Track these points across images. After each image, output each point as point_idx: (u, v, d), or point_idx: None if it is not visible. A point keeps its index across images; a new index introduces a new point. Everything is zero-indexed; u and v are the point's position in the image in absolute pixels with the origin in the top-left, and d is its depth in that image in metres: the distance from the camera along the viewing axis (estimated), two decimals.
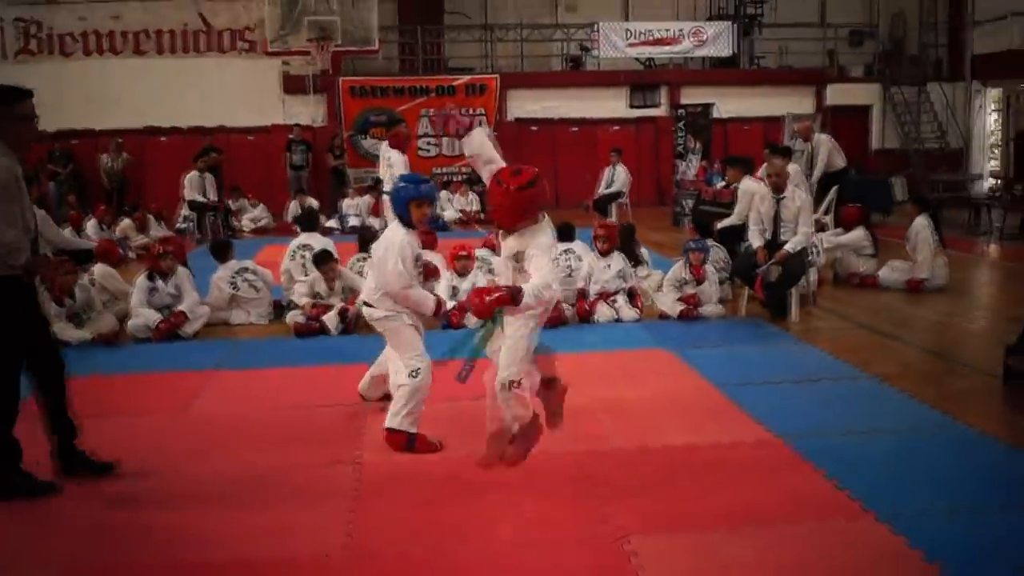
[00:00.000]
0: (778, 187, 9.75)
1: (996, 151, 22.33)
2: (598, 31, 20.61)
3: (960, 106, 22.53)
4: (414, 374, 5.81)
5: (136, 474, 5.53)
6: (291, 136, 20.00)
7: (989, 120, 22.57)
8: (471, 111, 20.73)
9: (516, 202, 5.08)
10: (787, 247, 9.45)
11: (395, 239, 5.91)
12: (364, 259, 10.06)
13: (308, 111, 20.84)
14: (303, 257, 10.32)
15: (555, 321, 9.13)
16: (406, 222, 5.93)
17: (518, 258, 5.15)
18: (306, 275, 10.00)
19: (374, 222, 15.63)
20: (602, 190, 17.62)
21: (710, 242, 10.43)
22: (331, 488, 5.36)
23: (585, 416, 6.38)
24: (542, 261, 5.02)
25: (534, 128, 21.35)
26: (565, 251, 10.15)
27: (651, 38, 20.93)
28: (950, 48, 22.90)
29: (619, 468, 5.63)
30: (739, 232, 11.19)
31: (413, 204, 5.93)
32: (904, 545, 4.52)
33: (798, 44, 22.39)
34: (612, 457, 5.82)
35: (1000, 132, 22.11)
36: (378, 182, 15.70)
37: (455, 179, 19.75)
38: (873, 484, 5.21)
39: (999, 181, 20.20)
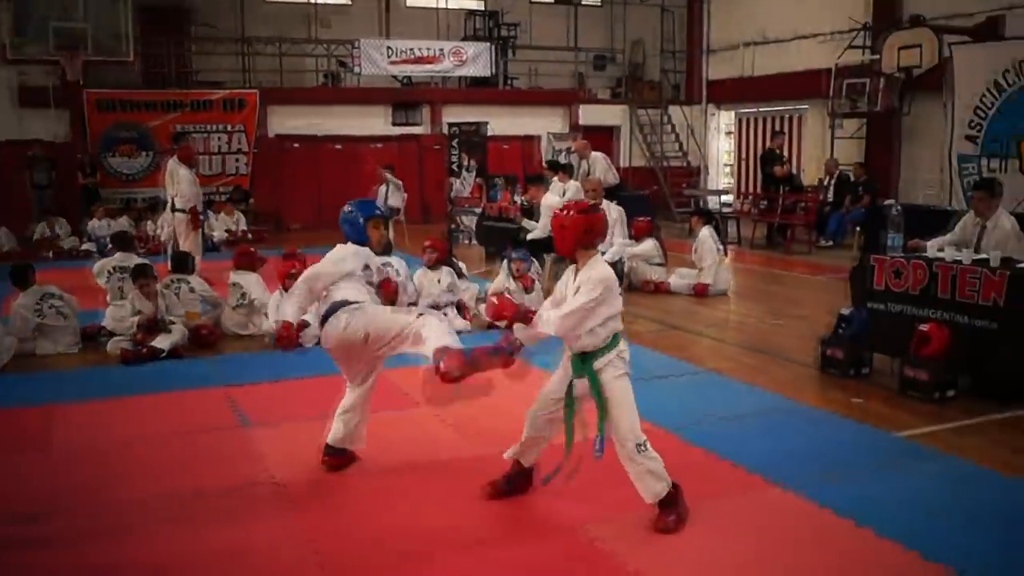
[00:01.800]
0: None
1: (729, 168, 24.11)
2: (359, 48, 20.52)
3: (698, 127, 24.21)
4: None
5: (46, 513, 5.19)
6: (31, 153, 18.65)
7: (723, 140, 24.36)
8: (230, 127, 20.06)
9: (576, 224, 4.86)
10: (605, 257, 9.87)
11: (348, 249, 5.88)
12: (180, 280, 9.66)
13: (48, 126, 19.40)
14: (120, 279, 9.75)
15: None
16: (362, 244, 5.87)
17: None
18: (123, 298, 9.48)
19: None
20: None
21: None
22: (266, 506, 5.23)
23: (483, 421, 6.59)
24: (579, 297, 4.75)
25: (296, 145, 20.99)
26: (383, 264, 10.14)
27: (412, 56, 21.04)
28: (687, 74, 24.58)
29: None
30: (547, 244, 11.60)
31: (371, 224, 5.92)
32: (816, 505, 5.13)
33: (549, 66, 23.29)
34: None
35: (733, 151, 23.93)
36: (154, 202, 15.14)
37: (219, 199, 19.01)
38: (762, 461, 5.81)
39: (741, 196, 21.80)
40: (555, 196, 12.20)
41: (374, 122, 21.55)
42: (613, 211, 10.23)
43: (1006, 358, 7.05)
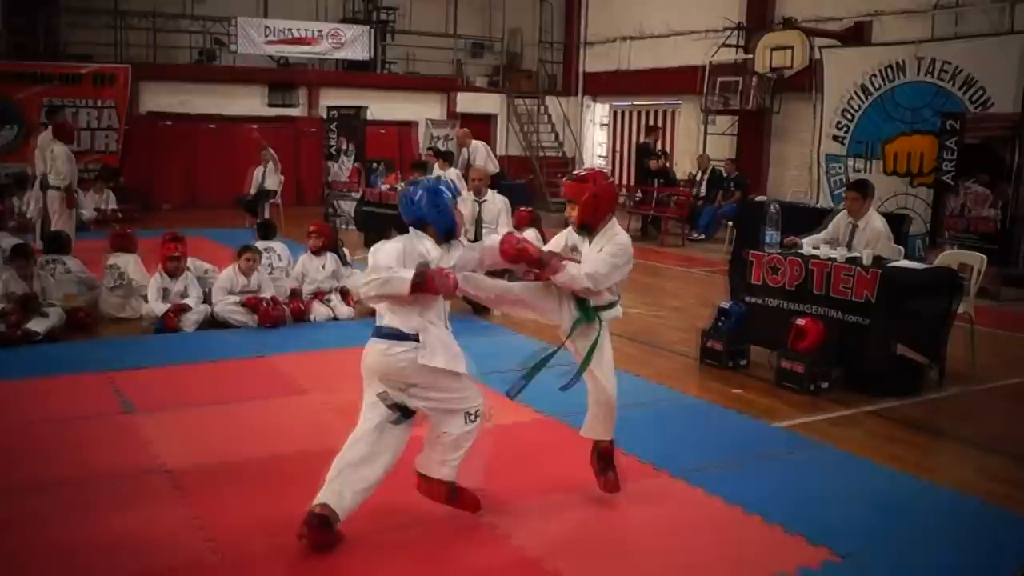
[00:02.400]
0: (479, 190, 10.23)
1: (603, 160, 24.45)
2: (236, 26, 20.07)
3: (574, 118, 24.48)
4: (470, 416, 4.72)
5: None
6: None
7: (599, 132, 24.71)
8: (99, 102, 19.32)
9: (609, 192, 5.08)
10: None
11: None
12: (55, 260, 9.35)
13: None
14: None
15: (276, 321, 9.13)
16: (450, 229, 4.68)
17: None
18: None
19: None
20: (253, 189, 17.23)
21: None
22: (159, 495, 5.11)
23: None
24: (605, 257, 4.86)
25: (168, 123, 20.32)
26: (266, 249, 10.06)
27: (290, 37, 20.65)
28: (564, 65, 24.83)
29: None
30: None
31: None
32: (703, 494, 5.30)
33: (426, 52, 23.20)
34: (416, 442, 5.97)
35: (608, 143, 24.30)
36: (22, 178, 14.53)
37: (88, 176, 18.27)
38: (651, 449, 5.98)
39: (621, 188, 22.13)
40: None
41: (250, 102, 21.05)
42: (498, 200, 10.27)
43: (875, 352, 7.38)
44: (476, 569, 4.39)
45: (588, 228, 5.02)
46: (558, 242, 5.12)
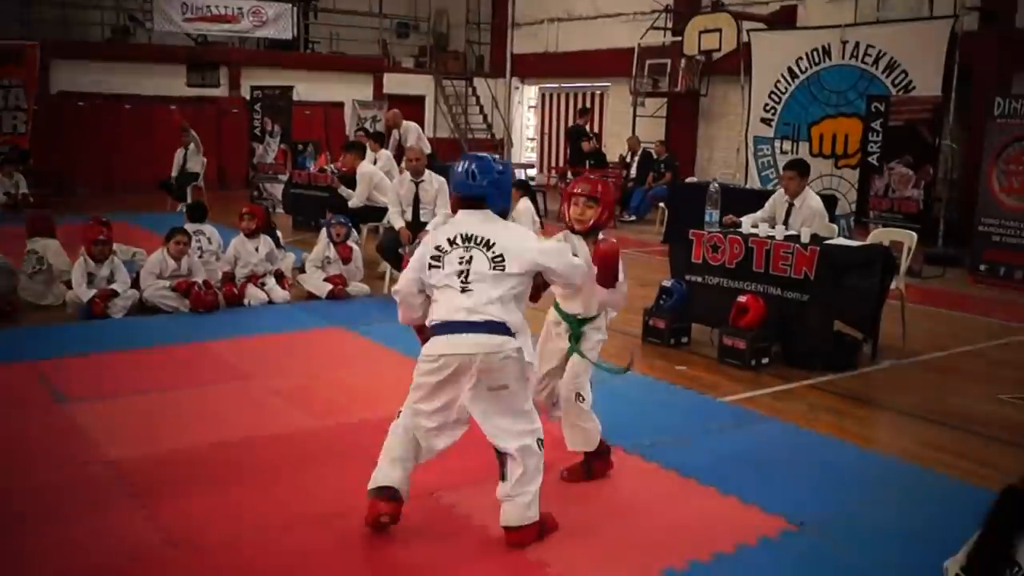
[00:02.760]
0: (416, 171, 10.15)
1: (532, 142, 24.50)
2: (152, 2, 19.49)
3: (502, 100, 24.46)
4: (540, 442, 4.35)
5: None
6: None
7: (528, 113, 24.72)
8: (6, 81, 18.48)
9: (612, 195, 5.06)
10: (428, 227, 9.88)
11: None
12: None
13: None
14: None
15: (209, 306, 8.98)
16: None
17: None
18: None
19: None
20: (175, 172, 16.89)
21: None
22: (104, 488, 4.96)
23: (319, 392, 6.57)
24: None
25: (82, 103, 19.63)
26: (196, 232, 9.88)
27: (209, 14, 20.09)
28: (493, 47, 24.77)
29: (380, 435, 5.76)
30: (365, 213, 11.60)
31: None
32: (659, 468, 5.38)
33: (351, 31, 22.95)
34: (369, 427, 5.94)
35: (537, 126, 24.33)
36: None
37: None
38: (603, 425, 5.82)
39: (547, 170, 22.19)
40: (368, 165, 12.19)
41: (168, 82, 20.46)
42: (435, 181, 10.19)
43: (814, 328, 7.53)
44: (441, 551, 4.33)
45: (596, 230, 4.93)
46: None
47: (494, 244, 4.21)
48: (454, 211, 4.43)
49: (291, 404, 6.41)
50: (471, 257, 4.21)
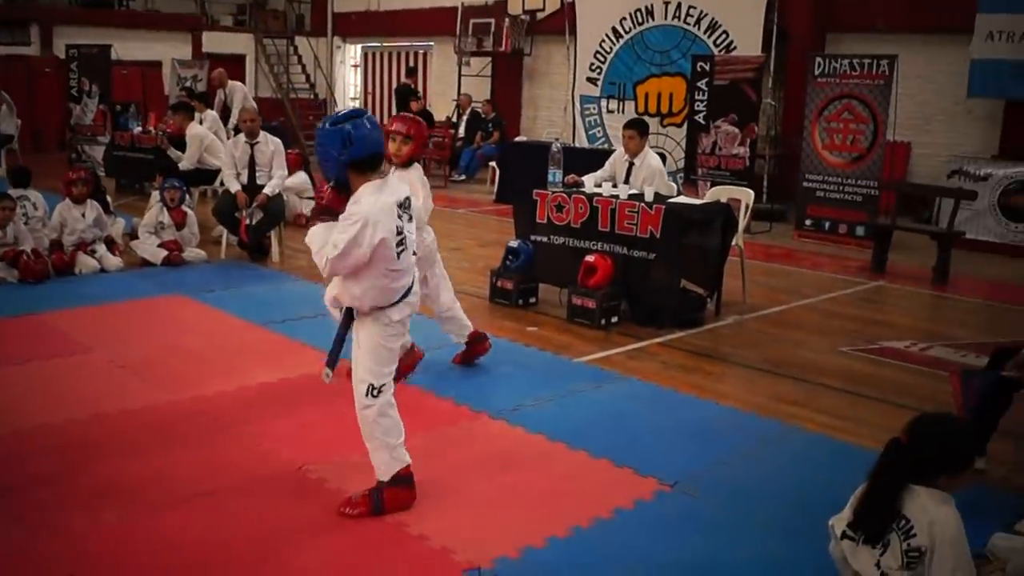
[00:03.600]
0: (252, 132, 9.82)
1: (356, 102, 24.08)
2: None
3: (324, 59, 23.92)
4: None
5: None
6: None
7: (351, 73, 24.28)
8: None
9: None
10: (266, 190, 9.64)
11: None
12: None
13: None
14: None
15: (39, 275, 8.53)
16: None
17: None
18: None
19: None
20: None
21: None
22: None
23: (166, 363, 6.30)
24: None
25: None
26: (19, 198, 9.32)
27: None
28: (312, 5, 24.16)
29: (240, 409, 5.59)
30: (196, 176, 11.18)
31: None
32: (525, 432, 5.37)
33: None
34: (225, 399, 5.74)
35: (360, 85, 23.96)
36: None
37: None
38: (462, 390, 6.05)
39: None
40: (199, 127, 11.75)
41: None
42: (271, 143, 9.88)
43: (661, 286, 7.67)
44: (307, 523, 4.21)
45: (411, 162, 5.67)
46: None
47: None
48: (352, 179, 4.07)
49: (138, 377, 6.13)
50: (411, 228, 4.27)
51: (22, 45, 19.93)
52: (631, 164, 8.63)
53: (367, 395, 4.23)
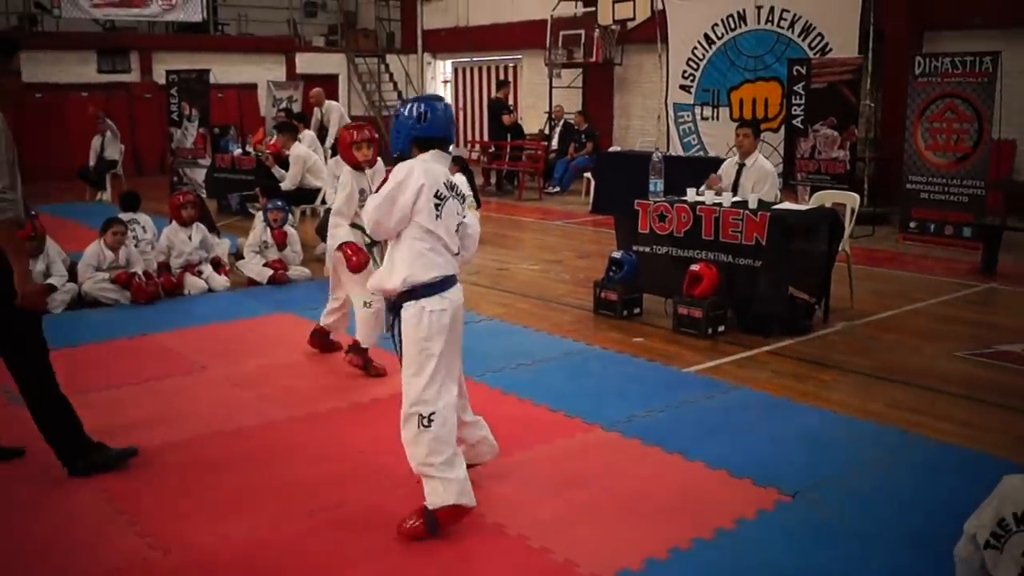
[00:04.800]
0: None
1: None
2: None
3: (416, 76, 24.19)
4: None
5: None
6: None
7: (442, 88, 24.50)
8: None
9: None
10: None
11: None
12: None
13: None
14: None
15: (151, 297, 8.75)
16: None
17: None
18: None
19: None
20: (92, 160, 16.55)
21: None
22: (74, 491, 4.77)
23: (279, 381, 6.42)
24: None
25: None
26: (130, 221, 9.60)
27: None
28: (403, 23, 24.46)
29: (355, 425, 5.66)
30: (297, 195, 11.37)
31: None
32: (641, 444, 5.33)
33: (260, 12, 22.51)
34: (340, 416, 5.82)
35: (452, 100, 24.11)
36: None
37: None
38: (574, 403, 5.97)
39: (469, 144, 21.98)
40: (301, 147, 11.98)
41: (79, 69, 19.92)
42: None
43: (768, 293, 7.57)
44: (431, 538, 4.25)
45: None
46: None
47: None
48: (414, 154, 4.26)
49: (253, 395, 6.26)
50: (457, 211, 4.29)
51: (123, 72, 20.54)
52: (741, 166, 8.54)
53: (418, 427, 4.15)
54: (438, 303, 4.19)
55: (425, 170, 4.14)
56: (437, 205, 4.15)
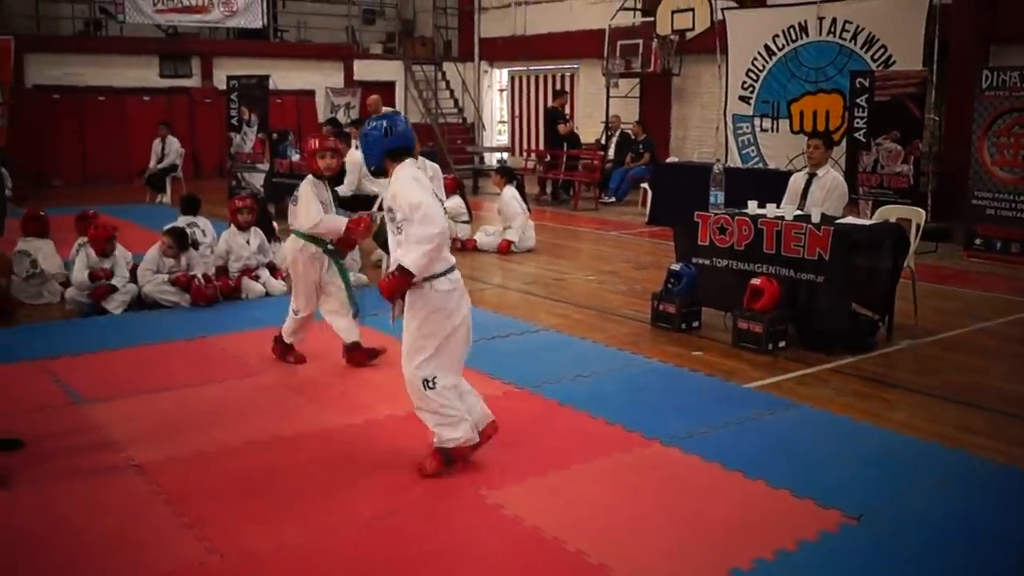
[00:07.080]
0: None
1: (503, 126, 24.32)
2: None
3: (472, 84, 24.24)
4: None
5: None
6: None
7: (498, 97, 24.54)
8: None
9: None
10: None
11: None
12: None
13: None
14: None
15: (210, 299, 8.81)
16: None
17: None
18: None
19: None
20: (153, 164, 16.80)
21: None
22: (137, 493, 4.79)
23: (336, 386, 6.42)
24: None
25: (56, 96, 19.42)
26: (190, 225, 9.69)
27: (180, 5, 19.97)
28: (460, 31, 24.53)
29: (413, 435, 5.63)
30: (364, 201, 11.40)
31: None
32: (700, 460, 5.23)
33: (319, 20, 22.70)
34: (396, 423, 5.80)
35: (507, 108, 24.16)
36: None
37: None
38: (633, 417, 5.90)
39: (524, 153, 21.99)
40: (358, 153, 12.00)
41: (141, 73, 20.31)
42: (428, 168, 9.99)
43: (831, 309, 7.43)
44: (490, 550, 4.21)
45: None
46: None
47: None
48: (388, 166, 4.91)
49: (311, 400, 6.29)
50: None
51: (184, 77, 20.85)
52: (811, 177, 8.43)
53: (423, 388, 4.79)
54: (447, 283, 4.82)
55: (414, 177, 4.79)
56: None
